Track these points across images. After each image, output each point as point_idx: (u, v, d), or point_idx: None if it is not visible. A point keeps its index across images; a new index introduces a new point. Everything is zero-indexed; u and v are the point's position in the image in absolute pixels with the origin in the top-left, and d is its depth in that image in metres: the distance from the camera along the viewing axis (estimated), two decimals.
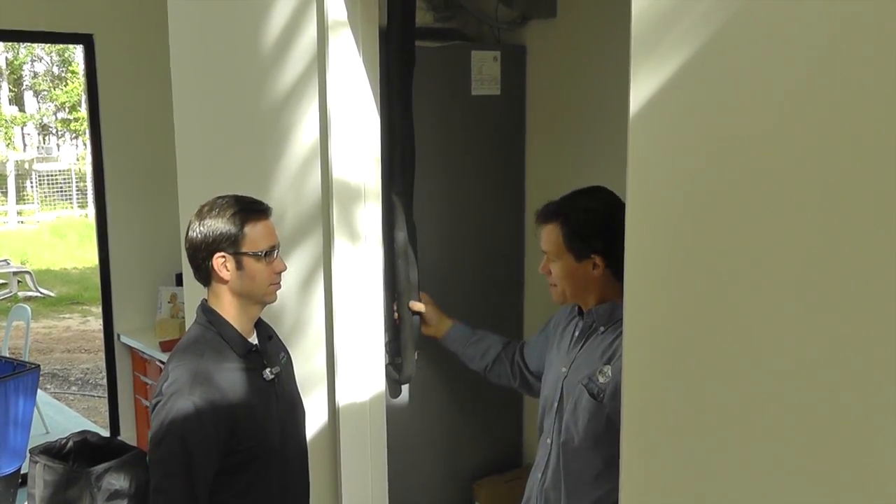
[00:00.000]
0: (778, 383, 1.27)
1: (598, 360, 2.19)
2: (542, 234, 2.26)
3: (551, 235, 2.23)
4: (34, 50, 20.22)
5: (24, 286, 11.11)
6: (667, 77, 1.36)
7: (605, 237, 2.17)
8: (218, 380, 2.11)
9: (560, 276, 2.25)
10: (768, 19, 1.23)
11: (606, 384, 2.13)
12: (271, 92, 2.69)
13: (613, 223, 2.11)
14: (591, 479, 2.19)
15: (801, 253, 1.22)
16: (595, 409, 2.15)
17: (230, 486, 2.14)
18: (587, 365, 2.21)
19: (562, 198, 2.27)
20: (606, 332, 2.22)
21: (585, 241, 2.19)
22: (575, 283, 2.24)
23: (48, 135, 22.01)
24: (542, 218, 2.27)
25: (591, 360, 2.21)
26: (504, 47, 3.02)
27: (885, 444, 1.15)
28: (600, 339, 2.22)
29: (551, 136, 3.01)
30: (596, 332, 2.25)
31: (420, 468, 2.99)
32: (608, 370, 2.14)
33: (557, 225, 2.22)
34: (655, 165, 1.42)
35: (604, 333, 2.22)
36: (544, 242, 2.26)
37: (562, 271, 2.24)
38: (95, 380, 7.70)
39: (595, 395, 2.15)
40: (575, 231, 2.20)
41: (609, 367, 2.14)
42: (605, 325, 2.23)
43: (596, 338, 2.24)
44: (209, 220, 2.13)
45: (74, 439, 3.46)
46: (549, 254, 2.26)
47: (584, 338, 2.28)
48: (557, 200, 2.27)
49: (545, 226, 2.25)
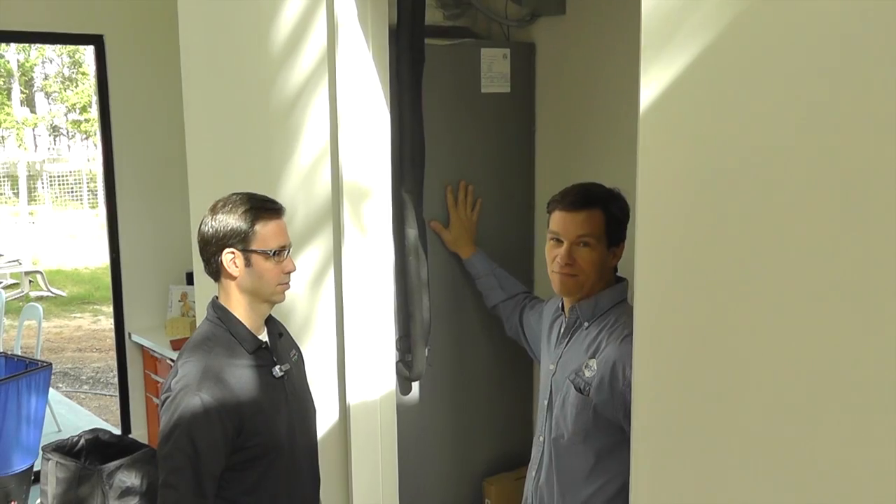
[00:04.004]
0: (789, 383, 1.27)
1: (583, 354, 2.22)
2: (579, 219, 2.21)
3: (595, 220, 2.20)
4: (45, 51, 20.29)
5: (35, 286, 11.15)
6: (676, 74, 1.36)
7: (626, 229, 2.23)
8: (227, 376, 2.11)
9: (591, 263, 2.22)
10: (778, 15, 1.22)
11: (592, 378, 2.16)
12: (281, 90, 2.70)
13: None
14: (584, 474, 2.22)
15: (814, 252, 1.21)
16: (582, 404, 2.18)
17: (239, 482, 2.15)
18: (573, 360, 2.24)
19: (586, 188, 2.26)
20: (591, 326, 2.24)
21: (621, 230, 2.23)
22: (601, 271, 2.24)
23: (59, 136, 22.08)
24: (582, 204, 2.22)
25: (576, 356, 2.24)
26: (513, 45, 3.02)
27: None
28: (585, 334, 2.25)
29: (561, 133, 3.01)
30: (580, 327, 2.27)
31: (430, 465, 2.99)
32: (593, 364, 2.17)
33: (600, 210, 2.21)
34: (664, 162, 1.43)
35: (588, 328, 2.25)
36: (583, 226, 2.21)
37: (596, 259, 2.22)
38: (107, 378, 7.73)
39: (581, 389, 2.17)
40: (617, 218, 2.22)
41: (594, 361, 2.17)
42: (588, 319, 2.25)
43: (580, 333, 2.27)
44: (221, 215, 2.14)
45: (86, 437, 3.49)
46: (589, 239, 2.21)
47: (569, 334, 2.30)
48: (583, 189, 2.25)
49: (585, 211, 2.21)
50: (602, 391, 2.13)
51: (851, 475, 1.21)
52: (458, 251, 2.86)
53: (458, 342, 2.99)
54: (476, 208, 2.90)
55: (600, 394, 2.13)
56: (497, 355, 3.08)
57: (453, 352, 2.97)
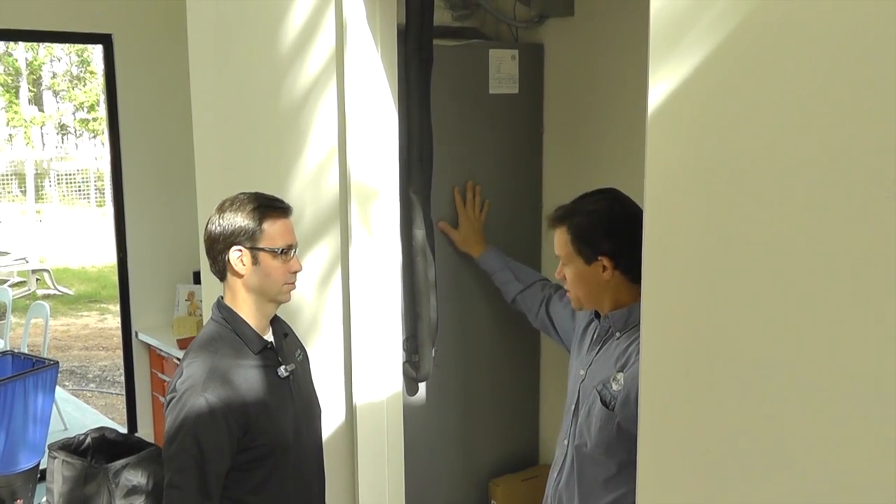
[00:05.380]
0: (799, 389, 1.25)
1: (612, 366, 2.17)
2: (554, 238, 2.23)
3: (560, 239, 2.20)
4: (53, 50, 20.35)
5: (42, 284, 11.19)
6: (685, 75, 1.36)
7: (612, 239, 2.13)
8: (232, 377, 2.11)
9: (573, 281, 2.21)
10: (788, 16, 1.22)
11: (618, 392, 2.11)
12: (289, 91, 2.70)
13: (620, 224, 2.12)
14: (604, 483, 2.19)
15: (825, 254, 1.20)
16: (606, 417, 2.14)
17: (244, 482, 2.15)
18: (602, 370, 2.20)
19: (572, 201, 2.24)
20: (622, 337, 2.19)
21: (591, 243, 2.14)
22: (587, 288, 2.20)
23: (66, 134, 22.15)
24: (551, 222, 2.23)
25: (606, 366, 2.20)
26: (522, 46, 3.02)
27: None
28: (616, 345, 2.20)
29: (569, 134, 3.00)
30: (612, 336, 2.22)
31: (437, 466, 2.99)
32: (621, 378, 2.12)
33: (565, 228, 2.19)
34: (673, 165, 1.42)
35: (619, 339, 2.20)
36: (556, 247, 2.23)
37: (574, 276, 2.21)
38: (113, 377, 7.75)
39: (606, 402, 2.14)
40: (580, 233, 2.16)
41: (622, 375, 2.12)
42: (620, 330, 2.20)
43: (612, 343, 2.22)
44: (229, 213, 2.15)
45: (93, 435, 3.49)
46: (561, 258, 2.22)
47: (601, 342, 2.26)
48: (567, 204, 2.24)
49: (555, 230, 2.22)
50: (627, 408, 2.08)
51: (864, 483, 1.20)
52: (469, 250, 2.85)
53: (465, 343, 2.98)
54: (484, 210, 2.89)
55: (625, 410, 2.09)
56: (504, 356, 3.08)
57: (460, 353, 2.97)
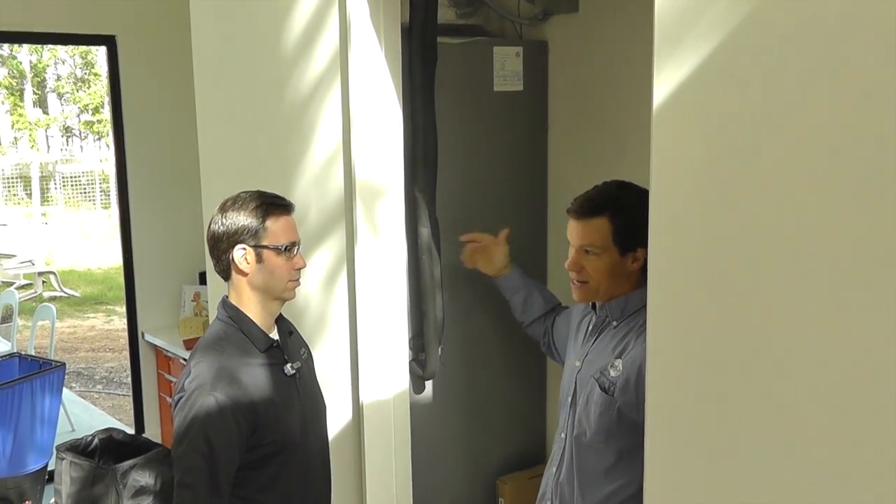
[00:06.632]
0: (805, 381, 1.26)
1: (609, 353, 2.19)
2: (583, 228, 2.18)
3: (600, 230, 2.16)
4: (57, 52, 20.38)
5: (48, 286, 11.21)
6: (690, 72, 1.36)
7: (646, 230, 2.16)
8: (240, 376, 2.12)
9: (600, 271, 2.18)
10: (792, 13, 1.22)
11: (617, 378, 2.13)
12: (294, 90, 2.70)
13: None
14: (604, 472, 2.20)
15: (830, 251, 1.20)
16: (606, 403, 2.16)
17: (253, 480, 2.16)
18: (599, 359, 2.22)
19: (599, 192, 2.21)
20: (619, 326, 2.22)
21: (634, 235, 2.12)
22: (615, 278, 2.19)
23: (71, 137, 22.18)
24: (587, 212, 2.18)
25: (603, 354, 2.22)
26: (526, 43, 3.01)
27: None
28: (612, 333, 2.22)
29: (574, 131, 3.00)
30: (609, 326, 2.25)
31: (444, 464, 2.99)
32: (619, 364, 2.15)
33: (607, 219, 2.15)
34: (678, 160, 1.42)
35: (616, 328, 2.22)
36: (586, 237, 2.18)
37: (605, 266, 2.17)
38: (120, 378, 7.77)
39: (605, 388, 2.15)
40: (626, 225, 2.14)
41: (620, 361, 2.15)
42: (617, 319, 2.22)
43: (608, 332, 2.24)
44: (231, 212, 2.15)
45: (100, 436, 3.49)
46: (593, 248, 2.18)
47: (597, 332, 2.28)
48: (595, 194, 2.21)
49: (590, 220, 2.17)
50: (627, 392, 2.10)
51: (870, 473, 1.20)
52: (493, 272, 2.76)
53: (471, 341, 2.98)
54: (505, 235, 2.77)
55: (625, 395, 2.11)
56: (510, 354, 3.08)
57: (467, 351, 2.97)
